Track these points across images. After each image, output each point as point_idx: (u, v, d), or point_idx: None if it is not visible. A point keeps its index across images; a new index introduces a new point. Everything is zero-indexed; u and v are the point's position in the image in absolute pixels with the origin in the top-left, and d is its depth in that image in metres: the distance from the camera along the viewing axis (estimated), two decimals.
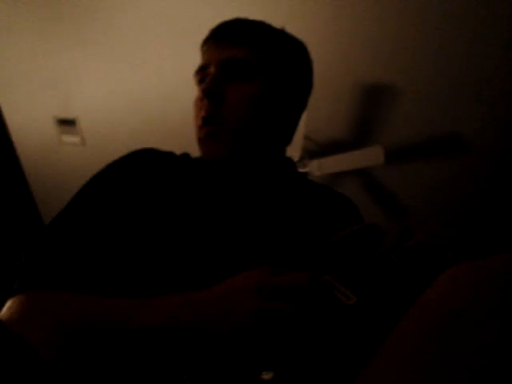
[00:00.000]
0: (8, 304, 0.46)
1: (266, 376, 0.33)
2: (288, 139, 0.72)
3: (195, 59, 0.68)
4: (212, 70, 0.62)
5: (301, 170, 1.79)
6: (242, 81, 0.61)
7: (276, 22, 0.73)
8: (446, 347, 0.27)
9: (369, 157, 1.70)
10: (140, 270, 0.51)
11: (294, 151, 1.70)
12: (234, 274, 0.41)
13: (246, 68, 0.61)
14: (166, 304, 0.39)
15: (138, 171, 0.60)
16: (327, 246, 0.43)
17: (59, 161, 2.48)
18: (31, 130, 2.37)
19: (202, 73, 0.65)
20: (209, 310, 0.37)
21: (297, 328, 0.35)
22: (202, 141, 0.63)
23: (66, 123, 2.27)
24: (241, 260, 0.50)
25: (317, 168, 1.77)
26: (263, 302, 0.36)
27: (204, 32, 0.69)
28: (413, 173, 2.03)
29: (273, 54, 0.65)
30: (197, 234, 0.54)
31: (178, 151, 0.71)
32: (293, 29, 0.74)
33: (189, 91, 1.96)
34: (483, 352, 0.26)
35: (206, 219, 0.56)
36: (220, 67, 0.62)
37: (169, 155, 0.66)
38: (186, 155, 0.69)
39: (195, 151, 0.70)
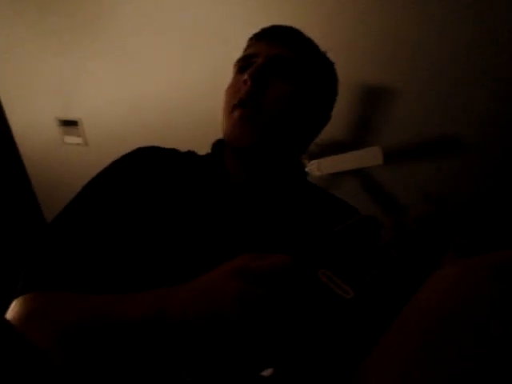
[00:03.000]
0: (13, 304, 0.46)
1: (265, 372, 0.32)
2: (304, 149, 0.74)
3: (198, 61, 0.69)
4: (260, 60, 0.63)
5: None
6: (285, 78, 0.63)
7: (276, 22, 0.74)
8: (447, 342, 0.27)
9: (368, 157, 1.71)
10: (144, 268, 0.51)
11: None
12: None
13: (291, 67, 0.64)
14: (152, 298, 0.39)
15: (142, 168, 0.60)
16: (325, 240, 0.43)
17: (62, 162, 2.49)
18: (34, 131, 2.38)
19: (245, 61, 0.66)
20: (195, 298, 0.37)
21: (275, 313, 0.34)
22: (235, 122, 0.62)
23: (69, 124, 2.28)
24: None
25: (316, 168, 1.78)
26: (246, 285, 0.36)
27: (207, 34, 0.70)
28: (412, 173, 2.03)
29: (313, 65, 0.67)
30: (199, 232, 0.54)
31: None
32: None
33: (191, 93, 1.97)
34: (484, 350, 0.26)
35: (209, 217, 0.56)
36: (268, 60, 0.63)
37: (172, 152, 0.67)
38: (191, 153, 0.69)
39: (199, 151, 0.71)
